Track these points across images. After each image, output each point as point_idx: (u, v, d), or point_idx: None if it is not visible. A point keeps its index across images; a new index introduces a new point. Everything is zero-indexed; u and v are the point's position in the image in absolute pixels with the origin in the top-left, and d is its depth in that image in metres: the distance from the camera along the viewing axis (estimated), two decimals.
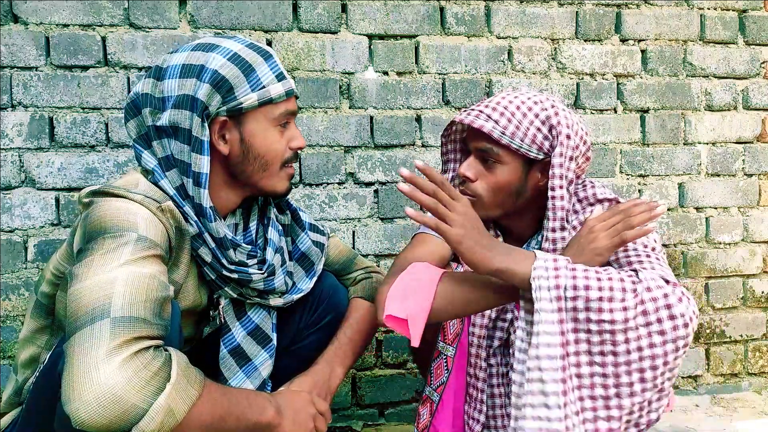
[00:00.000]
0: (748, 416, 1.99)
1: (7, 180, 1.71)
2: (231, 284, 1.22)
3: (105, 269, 0.94)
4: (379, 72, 1.89)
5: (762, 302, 2.18)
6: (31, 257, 1.72)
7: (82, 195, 1.10)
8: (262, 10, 1.81)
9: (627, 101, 2.05)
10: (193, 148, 1.11)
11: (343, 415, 1.91)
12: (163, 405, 0.87)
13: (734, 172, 2.14)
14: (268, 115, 1.17)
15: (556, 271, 1.07)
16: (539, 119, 1.24)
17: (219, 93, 1.11)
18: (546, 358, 1.05)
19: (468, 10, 1.93)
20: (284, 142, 1.20)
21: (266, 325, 1.29)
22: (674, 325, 1.04)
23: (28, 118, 1.70)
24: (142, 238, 1.00)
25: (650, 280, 1.06)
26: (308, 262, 1.37)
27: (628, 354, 1.04)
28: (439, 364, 1.34)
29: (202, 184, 1.12)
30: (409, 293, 1.14)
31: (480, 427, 1.32)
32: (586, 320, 1.05)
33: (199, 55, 1.14)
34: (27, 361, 1.21)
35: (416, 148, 1.93)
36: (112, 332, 0.87)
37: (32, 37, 1.70)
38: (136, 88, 1.19)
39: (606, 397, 1.06)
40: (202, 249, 1.15)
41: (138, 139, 1.18)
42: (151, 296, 0.95)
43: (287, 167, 1.23)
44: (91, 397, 0.83)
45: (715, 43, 2.11)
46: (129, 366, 0.86)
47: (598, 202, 1.29)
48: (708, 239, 2.13)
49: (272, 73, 1.16)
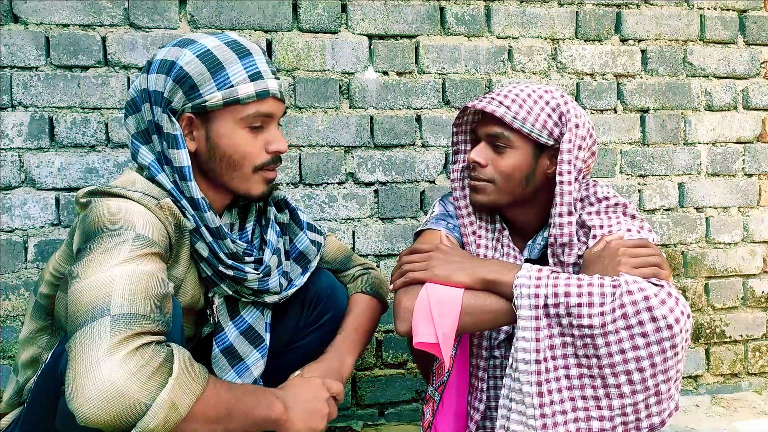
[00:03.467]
0: (748, 416, 1.99)
1: (7, 180, 1.71)
2: (227, 281, 1.22)
3: (103, 268, 0.94)
4: (379, 72, 1.89)
5: (762, 302, 2.18)
6: (31, 257, 1.72)
7: (79, 195, 1.10)
8: (262, 10, 1.81)
9: (627, 101, 2.05)
10: (169, 143, 1.12)
11: (343, 415, 1.91)
12: (166, 400, 0.87)
13: (734, 172, 2.14)
14: (236, 116, 1.14)
15: (537, 281, 1.14)
16: (550, 106, 1.27)
17: (182, 89, 1.11)
18: (522, 362, 1.13)
19: (468, 10, 1.93)
20: (259, 144, 1.17)
21: (259, 325, 1.29)
22: (656, 327, 1.06)
23: (28, 118, 1.70)
24: (140, 237, 1.00)
25: (631, 283, 1.09)
26: (305, 261, 1.37)
27: (610, 357, 1.08)
28: (440, 364, 1.34)
29: (187, 176, 1.12)
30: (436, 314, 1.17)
31: (479, 416, 1.36)
32: (569, 325, 1.11)
33: (174, 51, 1.14)
34: (27, 362, 1.21)
35: (416, 148, 1.93)
36: (112, 329, 0.87)
37: (32, 37, 1.69)
38: (134, 85, 1.19)
39: (596, 397, 1.11)
40: (199, 244, 1.15)
41: (136, 134, 1.18)
42: (151, 293, 0.95)
43: (265, 171, 1.19)
44: (94, 393, 0.83)
45: (715, 43, 2.11)
46: (131, 361, 0.86)
47: (598, 201, 1.30)
48: (708, 239, 2.13)
49: (245, 73, 1.13)
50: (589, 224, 1.26)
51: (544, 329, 1.12)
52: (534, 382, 1.12)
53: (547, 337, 1.12)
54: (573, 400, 1.12)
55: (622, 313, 1.07)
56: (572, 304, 1.10)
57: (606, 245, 1.19)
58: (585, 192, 1.32)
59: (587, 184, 1.34)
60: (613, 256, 1.16)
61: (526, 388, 1.12)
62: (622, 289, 1.08)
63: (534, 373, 1.12)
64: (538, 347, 1.12)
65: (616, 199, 1.29)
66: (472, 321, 1.18)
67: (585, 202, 1.31)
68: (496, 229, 1.38)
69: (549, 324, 1.12)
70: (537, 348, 1.12)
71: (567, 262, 1.25)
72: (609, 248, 1.18)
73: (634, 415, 1.09)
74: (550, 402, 1.12)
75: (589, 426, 1.11)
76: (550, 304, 1.12)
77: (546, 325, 1.12)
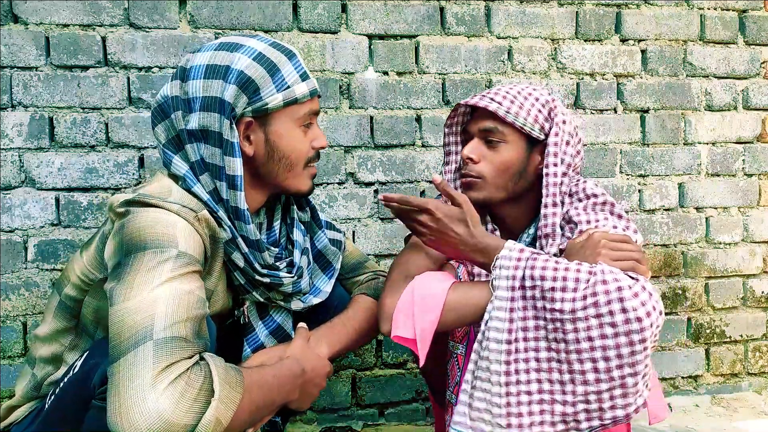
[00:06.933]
0: (748, 416, 1.99)
1: (7, 180, 1.71)
2: (260, 288, 1.21)
3: (146, 288, 0.95)
4: (379, 72, 1.89)
5: (762, 302, 2.18)
6: (31, 257, 1.72)
7: (115, 204, 1.07)
8: (262, 10, 1.81)
9: (627, 101, 2.05)
10: (225, 150, 1.10)
11: (343, 415, 1.91)
12: (212, 419, 0.90)
13: (734, 172, 2.14)
14: (293, 115, 1.16)
15: (517, 261, 1.15)
16: (540, 102, 1.31)
17: (245, 94, 1.10)
18: (493, 341, 1.14)
19: (468, 10, 1.93)
20: (307, 141, 1.20)
21: (287, 324, 1.29)
22: (626, 319, 1.06)
23: (28, 118, 1.70)
24: (182, 254, 1.00)
25: (607, 273, 1.10)
26: (325, 261, 1.36)
27: (577, 343, 1.09)
28: (452, 365, 1.35)
29: (238, 186, 1.11)
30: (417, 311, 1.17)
31: None
32: (542, 308, 1.12)
33: (224, 55, 1.13)
34: (49, 358, 1.20)
35: (416, 148, 1.93)
36: (155, 356, 0.90)
37: (32, 37, 1.70)
38: (164, 92, 1.17)
39: (561, 381, 1.12)
40: (235, 254, 1.15)
41: (167, 143, 1.16)
42: (192, 314, 0.96)
43: (310, 167, 1.23)
44: (143, 425, 0.86)
45: (715, 43, 2.11)
46: (174, 389, 0.88)
47: (586, 198, 1.31)
48: (708, 239, 2.13)
49: (296, 73, 1.16)
50: (575, 219, 1.27)
51: (519, 311, 1.13)
52: (503, 361, 1.13)
53: (521, 318, 1.13)
54: (540, 382, 1.13)
55: (594, 302, 1.07)
56: (546, 287, 1.11)
57: (589, 236, 1.20)
58: (574, 188, 1.33)
59: (577, 181, 1.34)
60: (594, 246, 1.17)
61: (495, 367, 1.13)
62: (597, 278, 1.09)
63: (504, 353, 1.13)
64: (510, 327, 1.13)
65: (604, 197, 1.31)
66: (456, 316, 1.19)
67: (573, 198, 1.32)
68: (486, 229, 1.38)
69: (524, 306, 1.13)
70: (509, 328, 1.13)
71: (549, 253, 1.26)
72: (591, 239, 1.19)
73: (597, 404, 1.10)
74: (516, 381, 1.12)
75: (552, 409, 1.12)
76: (527, 286, 1.13)
77: (521, 307, 1.13)
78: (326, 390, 1.88)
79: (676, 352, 2.12)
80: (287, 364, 1.14)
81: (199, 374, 0.92)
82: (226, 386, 0.94)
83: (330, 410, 1.90)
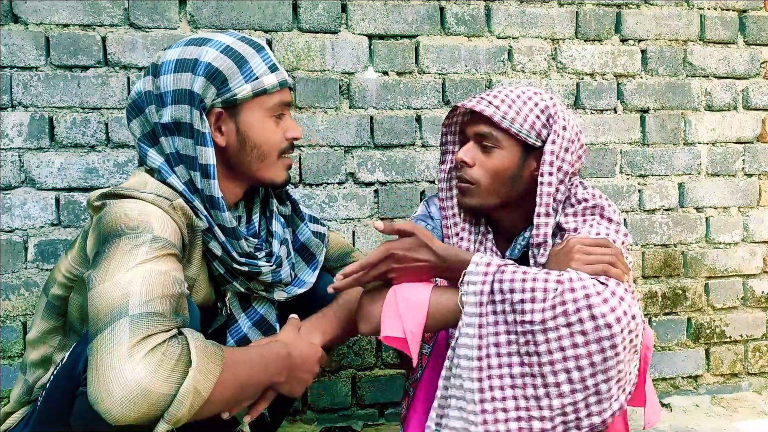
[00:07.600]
0: (748, 416, 1.99)
1: (7, 180, 1.71)
2: (239, 278, 1.23)
3: (122, 270, 0.96)
4: (379, 72, 1.89)
5: (762, 302, 2.18)
6: (31, 257, 1.72)
7: (92, 199, 1.11)
8: (262, 10, 1.81)
9: (627, 101, 2.05)
10: (197, 141, 1.13)
11: (343, 415, 1.91)
12: (190, 388, 0.90)
13: (734, 172, 2.14)
14: (263, 106, 1.19)
15: (485, 276, 1.13)
16: (538, 108, 1.28)
17: (214, 85, 1.14)
18: (464, 358, 1.12)
19: (468, 10, 1.93)
20: (280, 132, 1.22)
21: (271, 316, 1.31)
22: (596, 326, 1.04)
23: (28, 118, 1.70)
24: (157, 238, 1.02)
25: (575, 280, 1.08)
26: (308, 253, 1.38)
27: (550, 354, 1.07)
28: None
29: (211, 175, 1.14)
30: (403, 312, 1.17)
31: None
32: (513, 322, 1.10)
33: (192, 50, 1.16)
34: (38, 361, 1.21)
35: (416, 148, 1.93)
36: (131, 330, 0.91)
37: (32, 37, 1.69)
38: (137, 87, 1.20)
39: (537, 397, 1.09)
40: (212, 243, 1.17)
41: (143, 137, 1.19)
42: (167, 292, 0.97)
43: (284, 158, 1.25)
44: (121, 394, 0.86)
45: (715, 43, 2.11)
46: (151, 359, 0.89)
47: (577, 203, 1.30)
48: (708, 239, 2.13)
49: (265, 65, 1.18)
50: (564, 227, 1.26)
51: (490, 326, 1.12)
52: (475, 378, 1.11)
53: (492, 334, 1.12)
54: (515, 399, 1.10)
55: (563, 311, 1.06)
56: (516, 300, 1.09)
57: (566, 243, 1.19)
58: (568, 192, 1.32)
59: (570, 184, 1.33)
60: (568, 252, 1.16)
61: (467, 384, 1.11)
62: (565, 286, 1.07)
63: (475, 370, 1.11)
64: (480, 344, 1.11)
65: (594, 200, 1.28)
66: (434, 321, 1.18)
67: (566, 203, 1.31)
68: (480, 231, 1.38)
69: (495, 321, 1.12)
70: (479, 345, 1.11)
71: (540, 263, 1.25)
72: (567, 245, 1.18)
73: (574, 415, 1.08)
74: (491, 398, 1.11)
75: (530, 426, 1.09)
76: (497, 300, 1.11)
77: (493, 322, 1.12)
78: (326, 390, 1.89)
79: (676, 352, 2.12)
80: (273, 345, 1.16)
81: (176, 346, 0.93)
82: (204, 358, 0.94)
83: (330, 410, 1.90)
